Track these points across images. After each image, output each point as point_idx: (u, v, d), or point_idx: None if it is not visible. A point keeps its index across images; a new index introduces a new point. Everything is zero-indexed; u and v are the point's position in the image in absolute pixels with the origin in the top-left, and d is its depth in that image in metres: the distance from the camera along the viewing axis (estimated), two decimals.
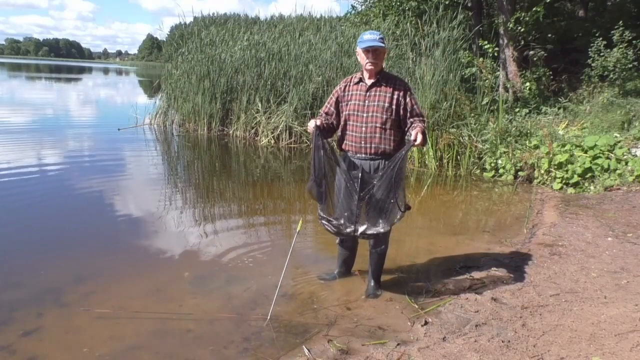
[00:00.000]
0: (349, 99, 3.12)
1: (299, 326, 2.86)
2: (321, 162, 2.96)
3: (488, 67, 8.71)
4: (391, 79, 3.11)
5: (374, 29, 9.85)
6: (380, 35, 3.03)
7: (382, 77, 3.08)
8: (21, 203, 5.15)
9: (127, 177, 6.69)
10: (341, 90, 3.17)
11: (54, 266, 3.59)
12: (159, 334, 2.75)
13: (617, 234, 4.42)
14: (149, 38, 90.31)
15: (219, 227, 4.71)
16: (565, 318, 2.89)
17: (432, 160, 7.54)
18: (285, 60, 9.95)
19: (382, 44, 2.99)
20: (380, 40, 3.00)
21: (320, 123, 3.07)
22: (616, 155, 6.25)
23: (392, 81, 3.09)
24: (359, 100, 3.08)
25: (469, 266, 3.83)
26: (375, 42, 2.98)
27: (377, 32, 3.07)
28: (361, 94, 3.08)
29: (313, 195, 3.02)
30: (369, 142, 3.06)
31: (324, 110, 3.24)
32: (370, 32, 3.07)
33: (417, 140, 2.86)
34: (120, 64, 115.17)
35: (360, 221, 2.94)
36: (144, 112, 11.52)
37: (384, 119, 3.02)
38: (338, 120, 3.20)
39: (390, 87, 3.05)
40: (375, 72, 3.06)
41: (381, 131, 3.03)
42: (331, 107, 3.20)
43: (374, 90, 3.06)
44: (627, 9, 10.40)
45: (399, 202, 2.90)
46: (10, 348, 2.53)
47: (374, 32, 3.07)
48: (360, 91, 3.09)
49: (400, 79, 3.19)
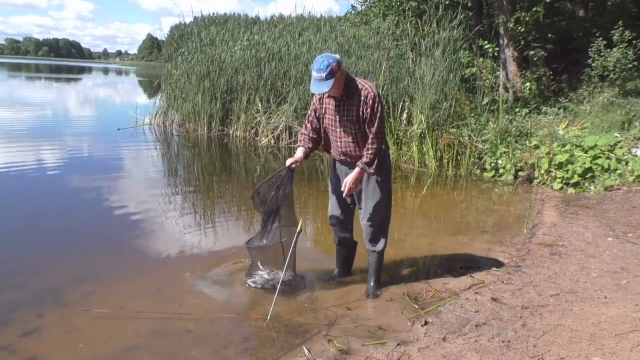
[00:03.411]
0: (323, 112, 3.08)
1: (299, 326, 2.85)
2: (277, 200, 3.10)
3: (488, 67, 8.71)
4: (357, 91, 2.92)
5: (374, 29, 9.93)
6: (327, 68, 2.76)
7: (348, 90, 2.93)
8: (21, 203, 5.16)
9: (127, 177, 6.69)
10: (318, 102, 3.10)
11: (54, 266, 3.59)
12: (159, 334, 2.75)
13: (617, 234, 4.42)
14: (149, 38, 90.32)
15: (219, 227, 4.71)
16: (565, 318, 2.89)
17: (432, 160, 7.54)
18: (285, 60, 9.94)
19: (329, 79, 2.77)
20: (327, 75, 2.76)
21: (303, 154, 3.11)
22: (616, 155, 6.25)
23: (358, 92, 2.92)
24: (331, 115, 3.04)
25: (469, 266, 3.83)
26: (320, 85, 2.80)
27: (323, 64, 2.78)
28: (332, 108, 3.02)
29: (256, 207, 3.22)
30: (347, 155, 3.08)
31: (311, 126, 3.16)
32: (317, 68, 2.79)
33: (345, 192, 3.01)
34: (120, 64, 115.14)
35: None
36: (143, 112, 11.51)
37: (354, 133, 2.99)
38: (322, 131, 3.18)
39: (356, 98, 2.92)
40: (337, 94, 2.94)
41: (354, 145, 3.03)
42: (314, 119, 3.15)
43: (343, 105, 2.97)
44: (627, 9, 10.40)
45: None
46: (10, 348, 2.53)
47: (319, 66, 2.79)
48: (331, 105, 3.02)
49: (366, 86, 2.94)
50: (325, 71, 2.77)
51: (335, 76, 2.81)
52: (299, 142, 3.21)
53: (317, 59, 2.87)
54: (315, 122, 3.15)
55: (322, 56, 2.86)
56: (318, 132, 3.17)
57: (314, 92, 2.89)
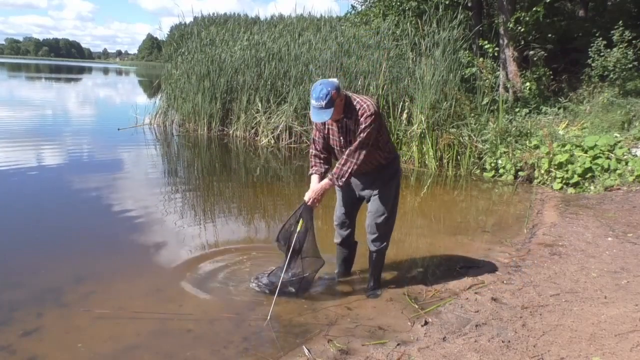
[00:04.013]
0: (326, 132, 3.08)
1: (299, 326, 2.85)
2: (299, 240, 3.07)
3: (488, 67, 8.71)
4: (354, 112, 2.89)
5: (374, 29, 9.93)
6: (327, 97, 2.74)
7: (347, 111, 2.91)
8: (21, 203, 5.15)
9: (127, 177, 6.69)
10: (320, 124, 3.09)
11: (54, 266, 3.59)
12: (159, 334, 2.75)
13: (617, 234, 4.42)
14: (149, 38, 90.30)
15: (219, 227, 4.71)
16: (565, 318, 2.89)
17: (432, 160, 7.54)
18: (285, 60, 9.94)
19: (329, 108, 2.77)
20: (327, 103, 2.75)
21: (318, 181, 3.06)
22: (616, 155, 6.25)
23: (355, 113, 2.89)
24: (335, 136, 3.04)
25: (469, 266, 3.83)
26: (320, 114, 2.79)
27: (322, 92, 2.76)
28: (335, 129, 3.03)
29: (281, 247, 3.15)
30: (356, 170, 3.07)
31: (320, 147, 3.12)
32: (316, 97, 2.77)
33: (309, 202, 3.01)
34: (120, 64, 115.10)
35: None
36: (143, 112, 11.50)
37: None
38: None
39: (354, 118, 2.90)
40: (338, 117, 2.93)
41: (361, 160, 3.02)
42: (320, 139, 3.12)
43: (345, 125, 2.97)
44: (627, 9, 10.40)
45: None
46: (10, 348, 2.53)
47: (318, 94, 2.76)
48: (334, 127, 3.02)
49: (363, 105, 2.88)
50: (325, 100, 2.75)
51: (335, 103, 2.80)
52: (311, 168, 3.16)
53: (315, 86, 2.82)
54: (322, 141, 3.13)
55: (321, 83, 2.81)
56: (327, 149, 3.16)
57: (314, 120, 2.89)
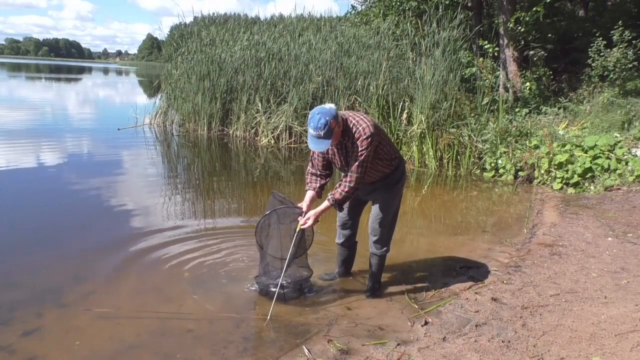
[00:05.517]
0: (326, 152, 3.04)
1: (299, 326, 2.85)
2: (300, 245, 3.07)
3: (488, 67, 8.73)
4: (351, 134, 2.89)
5: (374, 29, 9.94)
6: (325, 127, 2.73)
7: (345, 135, 2.91)
8: (21, 203, 5.15)
9: (127, 177, 6.69)
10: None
11: (54, 266, 3.59)
12: (158, 334, 2.75)
13: (617, 234, 4.42)
14: (149, 38, 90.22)
15: (219, 227, 4.70)
16: (565, 318, 2.89)
17: (432, 160, 7.54)
18: (285, 60, 9.95)
19: (327, 138, 2.77)
20: (325, 133, 2.74)
21: (310, 199, 3.08)
22: (616, 155, 6.25)
23: (352, 135, 2.89)
24: (335, 156, 3.04)
25: (469, 266, 3.83)
26: (319, 144, 2.80)
27: (320, 122, 2.73)
28: (336, 152, 3.02)
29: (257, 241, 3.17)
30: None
31: (318, 163, 3.11)
32: (314, 126, 2.75)
33: (305, 225, 2.99)
34: (120, 64, 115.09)
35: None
36: (143, 112, 11.50)
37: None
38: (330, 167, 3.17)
39: (351, 141, 2.90)
40: (337, 142, 2.93)
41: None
42: (318, 157, 3.10)
43: (344, 147, 2.97)
44: (627, 9, 10.40)
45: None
46: (10, 348, 2.53)
47: (317, 124, 2.74)
48: (333, 147, 3.00)
49: (359, 128, 2.87)
50: (323, 130, 2.74)
51: (334, 132, 2.79)
52: (306, 185, 3.17)
53: (313, 114, 2.79)
54: (321, 159, 3.11)
55: (318, 112, 2.77)
56: (326, 166, 3.14)
57: (313, 150, 2.90)
